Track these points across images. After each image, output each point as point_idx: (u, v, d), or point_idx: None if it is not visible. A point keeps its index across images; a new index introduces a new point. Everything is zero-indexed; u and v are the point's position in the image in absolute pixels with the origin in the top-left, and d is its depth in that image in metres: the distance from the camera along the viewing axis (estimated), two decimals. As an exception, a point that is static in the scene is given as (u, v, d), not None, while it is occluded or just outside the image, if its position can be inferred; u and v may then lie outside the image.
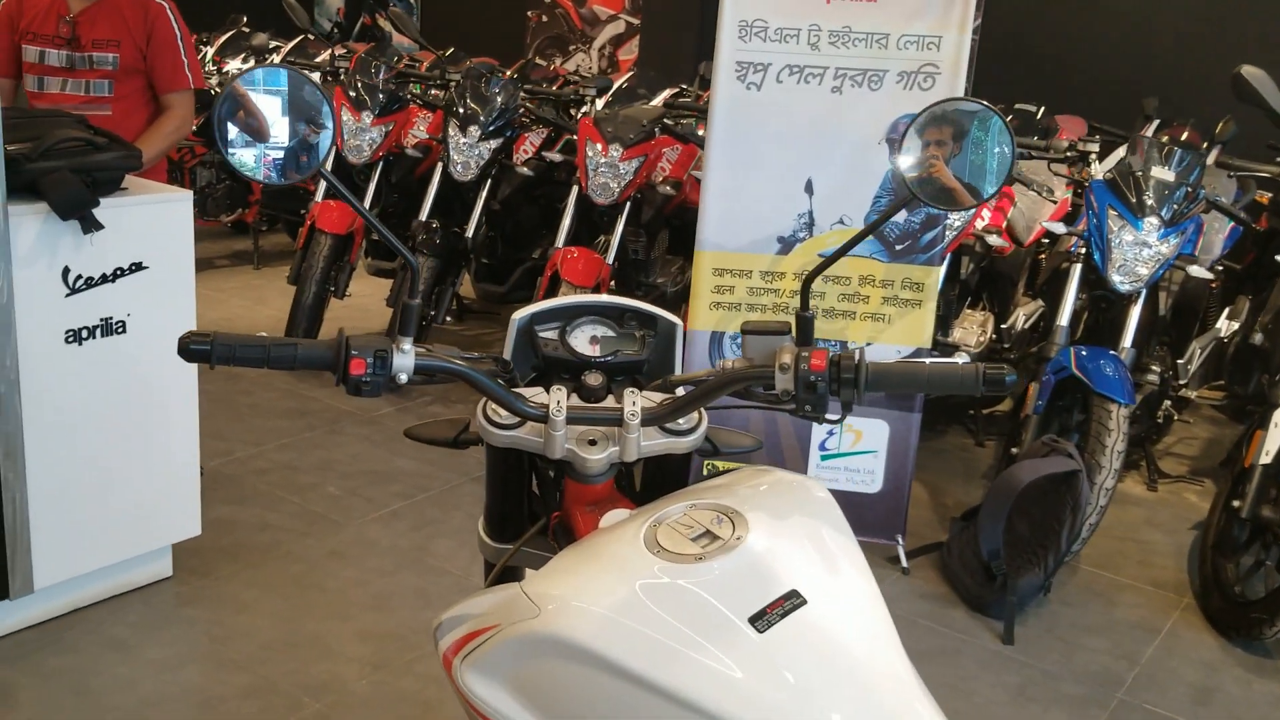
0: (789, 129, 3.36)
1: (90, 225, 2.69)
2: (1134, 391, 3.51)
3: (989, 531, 3.33)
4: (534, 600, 1.32)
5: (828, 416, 1.44)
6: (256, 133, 1.29)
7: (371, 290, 5.49)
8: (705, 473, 1.67)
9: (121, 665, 2.81)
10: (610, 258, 4.41)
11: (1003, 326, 4.45)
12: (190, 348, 1.33)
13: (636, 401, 1.47)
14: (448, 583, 3.29)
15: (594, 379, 1.55)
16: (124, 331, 2.88)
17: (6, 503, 2.74)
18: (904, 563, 3.56)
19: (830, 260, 1.48)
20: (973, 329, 4.28)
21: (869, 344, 3.43)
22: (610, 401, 1.55)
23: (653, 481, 1.62)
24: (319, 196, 4.91)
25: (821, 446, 3.51)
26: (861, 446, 3.51)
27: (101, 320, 2.83)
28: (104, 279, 2.80)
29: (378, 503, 3.72)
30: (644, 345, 1.62)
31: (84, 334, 2.80)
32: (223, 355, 1.34)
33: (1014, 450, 3.63)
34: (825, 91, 3.34)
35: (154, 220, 2.88)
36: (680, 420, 1.50)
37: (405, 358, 1.39)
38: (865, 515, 3.54)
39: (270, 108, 1.29)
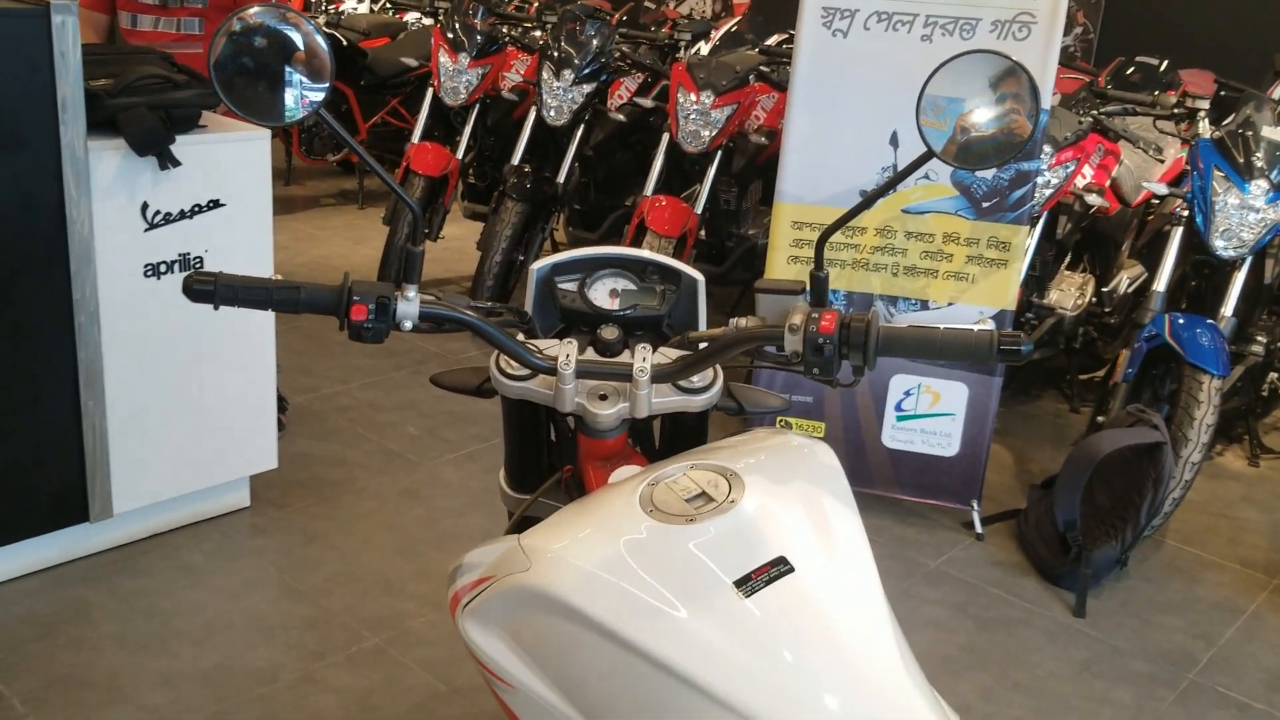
0: (875, 78, 3.25)
1: (167, 161, 2.76)
2: (1230, 363, 3.34)
3: (1066, 501, 3.22)
4: (527, 553, 1.31)
5: (841, 380, 1.39)
6: (253, 73, 1.28)
7: (465, 232, 5.54)
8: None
9: (192, 590, 2.92)
10: (699, 207, 4.35)
11: (1104, 290, 4.28)
12: (194, 288, 1.34)
13: (647, 357, 1.44)
14: (513, 526, 3.32)
15: (610, 332, 1.52)
16: (201, 267, 2.95)
17: (87, 429, 2.84)
18: (979, 528, 3.47)
19: (846, 218, 1.42)
20: (1070, 291, 4.12)
21: (950, 304, 3.33)
22: (625, 357, 1.52)
23: (671, 439, 1.60)
24: (415, 138, 4.95)
25: (898, 407, 3.43)
26: (939, 409, 3.41)
27: (179, 255, 2.91)
28: (182, 215, 2.87)
29: (455, 444, 3.77)
30: (664, 300, 1.59)
31: (162, 268, 2.87)
32: (226, 296, 1.35)
33: (1101, 418, 3.49)
34: (914, 39, 3.22)
35: (232, 158, 2.94)
36: (694, 378, 1.47)
37: (409, 305, 1.39)
38: (941, 479, 3.46)
39: (268, 48, 1.28)
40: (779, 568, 1.22)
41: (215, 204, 2.93)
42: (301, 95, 1.34)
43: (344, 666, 2.69)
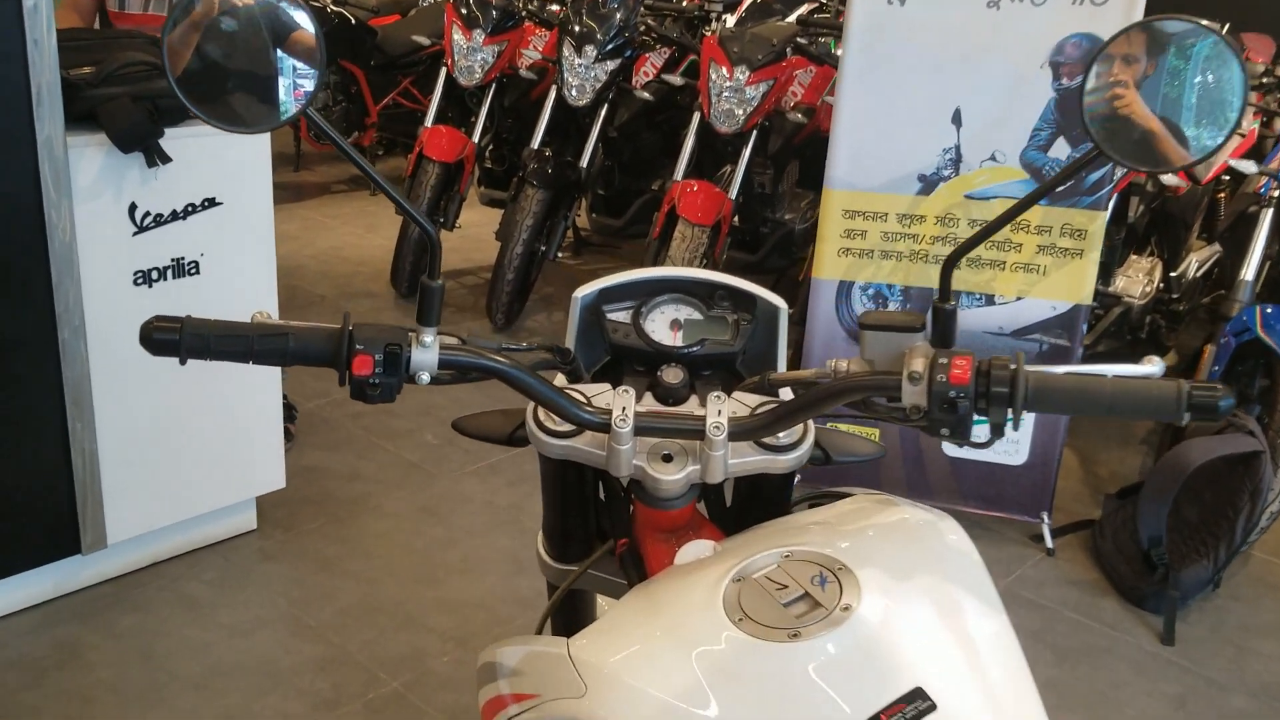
0: (936, 51, 2.94)
1: (155, 157, 2.48)
2: (1332, 360, 3.03)
3: (1151, 516, 2.93)
4: (581, 672, 1.03)
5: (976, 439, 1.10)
6: (218, 65, 1.00)
7: (484, 220, 5.25)
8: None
9: (192, 626, 2.66)
10: (733, 192, 4.05)
11: (1171, 275, 3.97)
12: (154, 338, 1.06)
13: (723, 409, 1.15)
14: (542, 547, 3.05)
15: (673, 375, 1.24)
16: (197, 272, 2.67)
17: (76, 454, 2.58)
18: (1049, 543, 3.18)
19: (982, 236, 1.13)
20: (1138, 278, 3.82)
21: (1019, 298, 3.03)
22: (693, 405, 1.24)
23: (746, 501, 1.31)
24: (428, 121, 4.66)
25: (959, 411, 3.13)
26: (1005, 413, 3.11)
27: (173, 260, 2.63)
28: (174, 216, 2.59)
29: (475, 454, 3.50)
30: (738, 332, 1.30)
31: (154, 275, 2.60)
32: (194, 347, 1.07)
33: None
34: (979, 7, 2.91)
35: (227, 152, 2.65)
36: (780, 434, 1.19)
37: (426, 353, 1.11)
38: (1007, 490, 3.17)
39: (238, 33, 1.00)
40: (917, 704, 0.94)
41: (211, 203, 2.65)
42: (294, 87, 1.05)
43: (361, 716, 2.43)
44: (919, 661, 0.96)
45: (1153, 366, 1.20)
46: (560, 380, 1.30)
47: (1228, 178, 4.07)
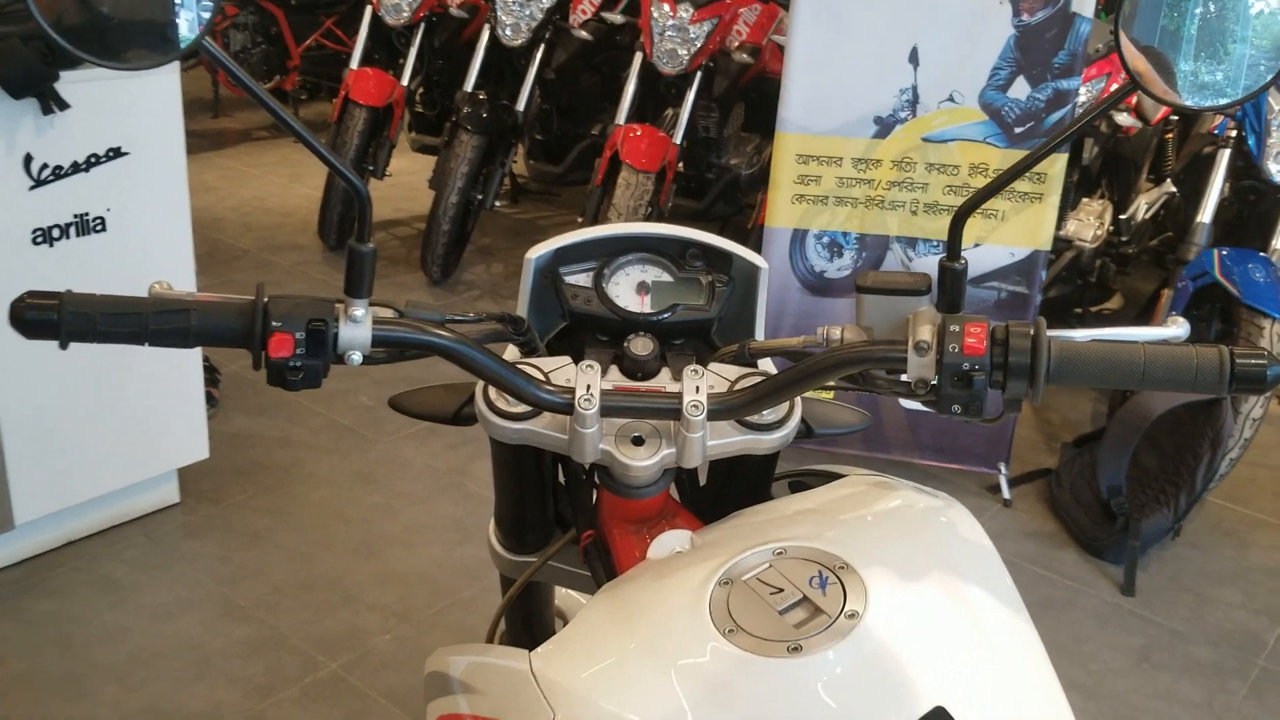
0: (890, -15, 2.80)
1: (51, 103, 2.26)
2: (1291, 303, 2.97)
3: (1111, 465, 2.86)
4: (546, 692, 0.90)
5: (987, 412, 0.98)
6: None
7: (416, 167, 5.03)
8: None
9: (113, 611, 2.48)
10: (678, 136, 3.89)
11: (1121, 218, 3.90)
12: (27, 318, 0.89)
13: (701, 385, 1.02)
14: (487, 514, 2.90)
15: (641, 346, 1.10)
16: (103, 229, 2.47)
17: (-25, 429, 2.38)
18: (1006, 494, 3.11)
19: (993, 189, 0.99)
20: (1089, 221, 3.73)
21: (977, 244, 2.92)
22: (664, 379, 1.10)
23: (723, 483, 1.18)
24: (354, 63, 4.42)
25: (916, 362, 3.03)
26: (963, 363, 3.02)
27: (75, 217, 2.42)
28: (75, 168, 2.38)
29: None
30: (713, 296, 1.16)
31: (55, 233, 2.39)
32: (76, 328, 0.91)
33: (1141, 368, 3.12)
34: (936, -61, 2.76)
35: (134, 97, 2.44)
36: (765, 411, 1.06)
37: (356, 329, 0.95)
38: (962, 440, 3.09)
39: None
40: None
41: (116, 153, 2.44)
42: (190, 17, 0.88)
43: (297, 703, 2.28)
44: (939, 677, 0.84)
45: (1177, 329, 1.08)
46: (513, 354, 1.15)
47: (1176, 118, 3.99)
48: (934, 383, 0.95)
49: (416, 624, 2.51)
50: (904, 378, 0.97)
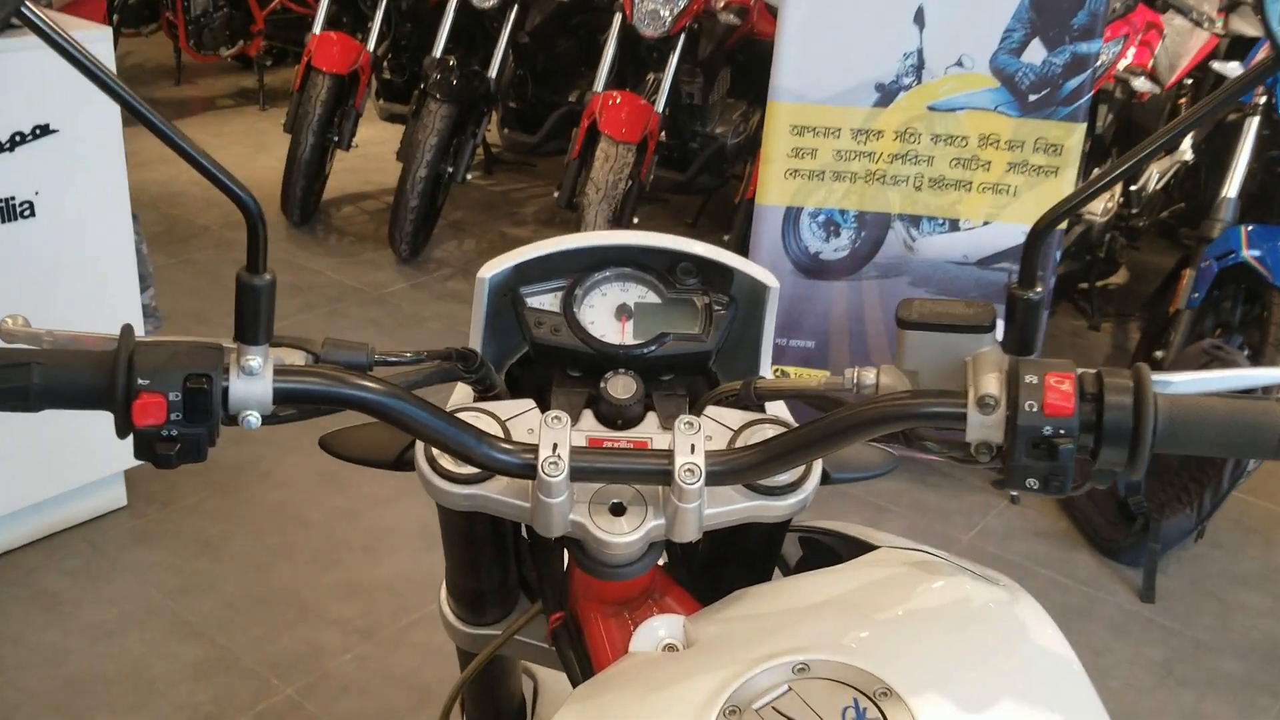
0: (893, -59, 2.57)
1: (-38, 77, 2.02)
2: (1323, 286, 2.77)
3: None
4: None
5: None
6: None
7: (384, 137, 4.78)
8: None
9: (50, 629, 2.27)
10: (660, 104, 3.66)
11: (1131, 189, 3.69)
12: None
13: (696, 443, 0.81)
14: (458, 516, 2.70)
15: (622, 387, 0.89)
16: (32, 215, 2.23)
17: (-110, 436, 2.16)
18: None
19: (1084, 196, 0.78)
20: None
21: (986, 223, 2.71)
22: (650, 425, 0.89)
23: (722, 550, 0.97)
24: (316, 28, 4.15)
25: (919, 350, 2.83)
26: (969, 350, 2.82)
27: (1, 201, 2.19)
28: (-4, 148, 2.15)
29: (380, 406, 3.12)
30: (710, 322, 0.94)
31: (-26, 220, 2.16)
32: None
33: (1158, 354, 2.92)
34: (943, -111, 2.53)
35: (62, 70, 2.19)
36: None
37: (252, 384, 0.74)
38: (970, 433, 2.88)
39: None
40: None
41: (44, 131, 2.21)
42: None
43: (248, 735, 2.08)
44: None
45: None
46: (464, 395, 0.94)
47: (1190, 82, 3.78)
48: (1001, 446, 0.74)
49: (379, 641, 2.30)
50: (960, 438, 0.77)
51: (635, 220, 3.62)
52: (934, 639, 0.77)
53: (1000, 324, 0.78)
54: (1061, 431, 0.71)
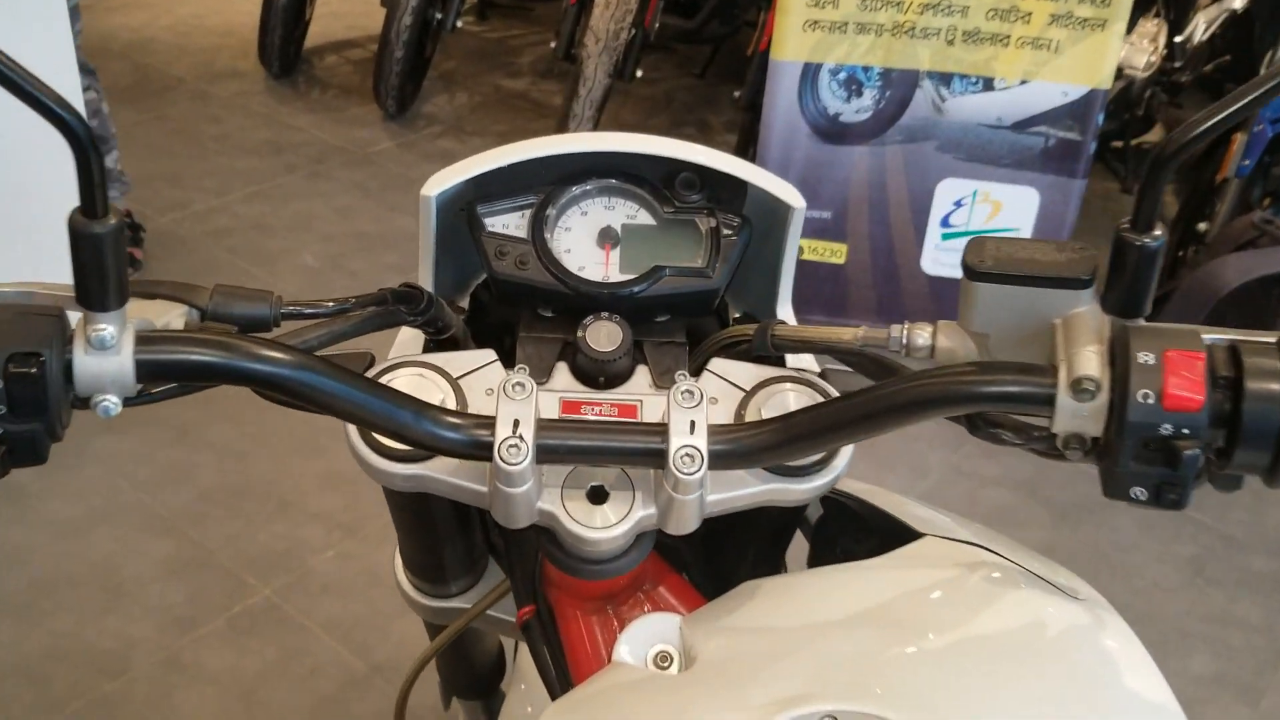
0: None
1: None
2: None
3: (1166, 344, 2.48)
4: None
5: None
6: None
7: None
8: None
9: (13, 526, 2.14)
10: (665, -57, 3.35)
11: (1176, 40, 3.41)
12: None
13: (698, 419, 0.63)
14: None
15: (605, 336, 0.71)
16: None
17: None
18: (1039, 370, 2.74)
19: (1207, 126, 0.56)
20: (1142, 45, 3.26)
21: (1024, 81, 2.46)
22: (640, 383, 0.71)
23: (726, 529, 0.80)
24: None
25: (944, 222, 2.62)
26: (999, 223, 2.61)
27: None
28: (-88, -2, 1.91)
29: (366, 279, 2.92)
30: (717, 251, 0.75)
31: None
32: None
33: (1201, 226, 2.72)
34: None
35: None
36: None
37: (104, 359, 0.57)
38: (995, 311, 2.70)
39: None
40: None
41: (-32, -24, 1.96)
42: None
43: (223, 638, 1.96)
44: None
45: None
46: (408, 339, 0.75)
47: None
48: (1099, 440, 0.57)
49: (363, 538, 2.17)
50: (1047, 427, 0.59)
51: (639, 73, 3.35)
52: (999, 682, 0.60)
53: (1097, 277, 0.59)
54: (1185, 431, 0.53)
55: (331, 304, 0.70)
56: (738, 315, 0.84)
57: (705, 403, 0.63)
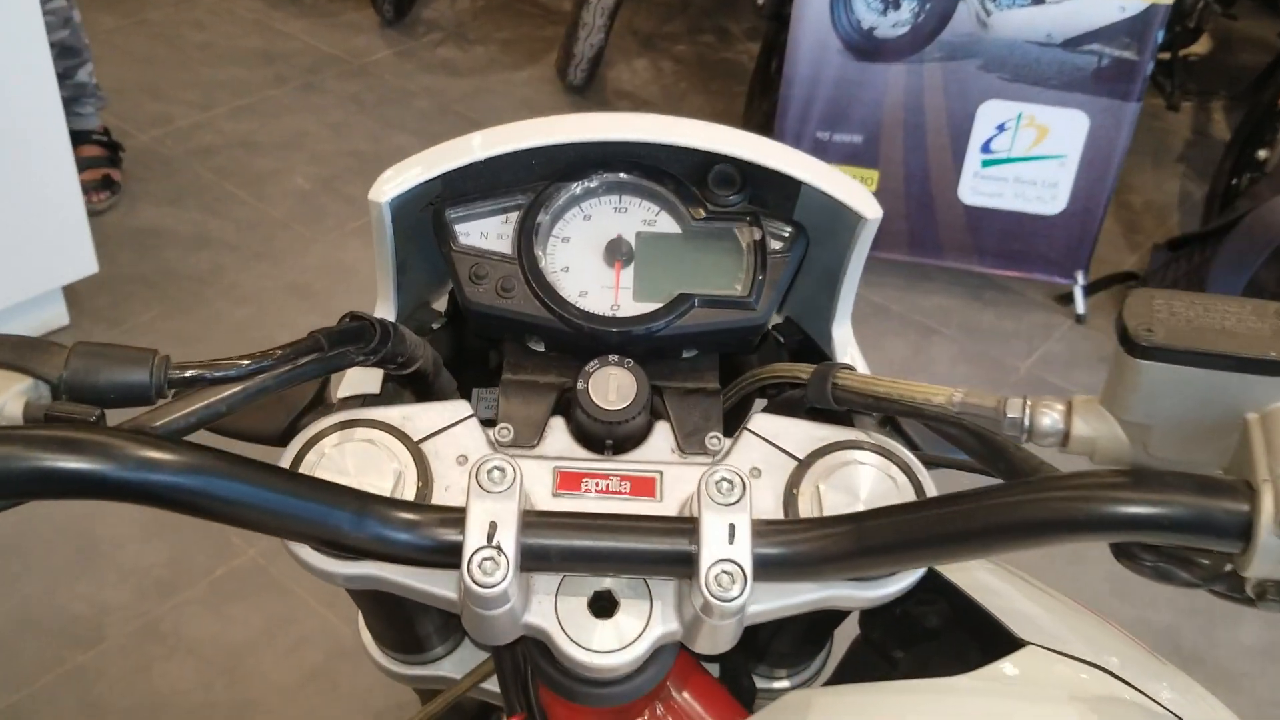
0: None
1: None
2: None
3: (1225, 283, 2.30)
4: None
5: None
6: None
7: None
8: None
9: (-20, 479, 1.99)
10: None
11: (1235, -57, 3.15)
12: None
13: (739, 520, 0.46)
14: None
15: (613, 387, 0.53)
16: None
17: None
18: (1080, 308, 2.56)
19: None
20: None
21: (1077, -4, 2.24)
22: (658, 450, 0.54)
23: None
24: None
25: (985, 148, 2.42)
26: (1044, 149, 2.41)
27: None
28: None
29: (363, 204, 2.73)
30: (761, 268, 0.57)
31: None
32: None
33: (1261, 154, 2.51)
34: None
35: None
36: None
37: None
38: (1037, 245, 2.51)
39: None
40: None
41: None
42: None
43: (204, 604, 1.83)
44: None
45: None
46: (361, 379, 0.59)
47: None
48: None
49: (357, 494, 2.02)
50: (1228, 565, 0.42)
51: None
52: None
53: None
54: None
55: (247, 363, 0.52)
56: (778, 322, 0.67)
57: (749, 496, 0.46)
